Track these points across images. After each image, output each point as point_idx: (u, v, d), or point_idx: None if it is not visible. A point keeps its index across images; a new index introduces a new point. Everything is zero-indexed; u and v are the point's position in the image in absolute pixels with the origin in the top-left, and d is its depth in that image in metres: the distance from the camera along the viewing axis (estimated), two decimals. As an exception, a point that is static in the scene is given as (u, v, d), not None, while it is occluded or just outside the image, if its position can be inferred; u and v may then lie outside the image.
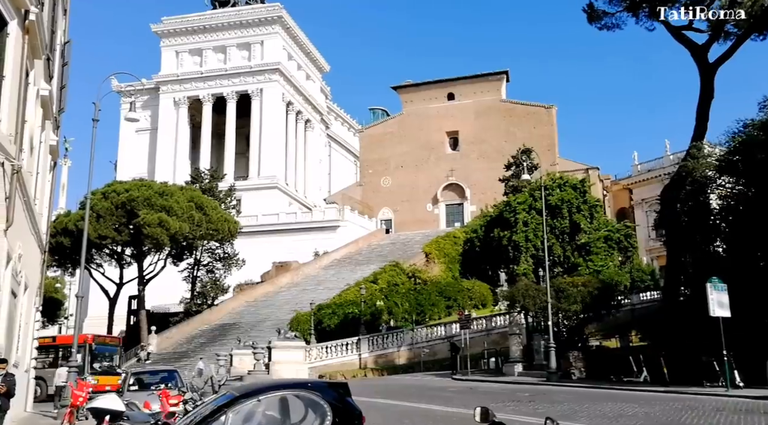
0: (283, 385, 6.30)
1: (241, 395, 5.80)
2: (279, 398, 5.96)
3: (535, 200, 61.17)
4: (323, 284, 60.71)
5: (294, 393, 6.02)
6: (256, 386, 6.13)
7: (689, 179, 28.70)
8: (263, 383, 6.45)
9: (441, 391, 24.30)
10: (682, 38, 29.87)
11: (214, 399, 6.22)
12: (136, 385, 16.07)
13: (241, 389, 6.05)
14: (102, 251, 53.62)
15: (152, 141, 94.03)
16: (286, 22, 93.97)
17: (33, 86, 15.17)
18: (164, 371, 18.02)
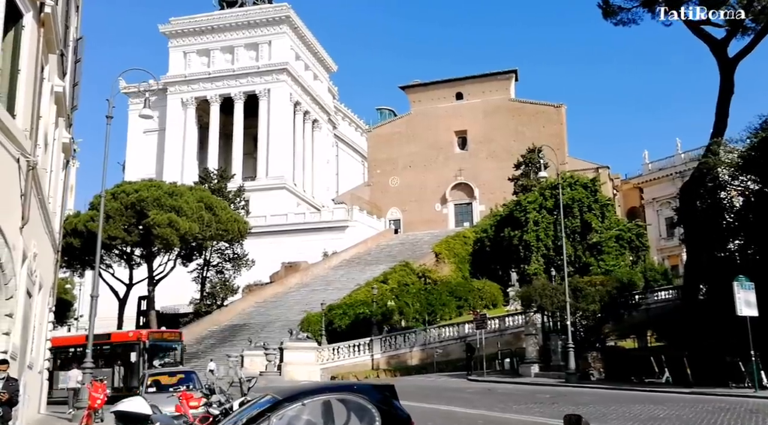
0: (328, 388, 5.94)
1: (285, 399, 5.44)
2: (323, 402, 5.59)
3: (546, 200, 60.78)
4: (333, 284, 60.40)
5: (339, 396, 5.66)
6: (299, 389, 5.77)
7: (709, 176, 28.25)
8: (306, 386, 6.10)
9: (458, 392, 23.91)
10: (701, 33, 29.39)
11: (254, 402, 5.86)
12: (153, 387, 15.76)
13: (284, 392, 5.69)
14: (111, 251, 53.42)
15: (160, 142, 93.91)
16: (294, 22, 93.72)
17: (47, 82, 14.87)
18: (181, 372, 17.69)
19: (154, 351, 29.82)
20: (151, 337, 30.42)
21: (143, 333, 30.32)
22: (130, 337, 30.95)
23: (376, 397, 5.64)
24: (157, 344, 30.53)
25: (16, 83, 12.13)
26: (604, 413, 15.53)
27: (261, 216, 73.55)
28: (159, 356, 30.14)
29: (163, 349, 30.95)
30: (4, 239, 11.21)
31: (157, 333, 33.12)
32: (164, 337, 32.30)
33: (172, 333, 34.26)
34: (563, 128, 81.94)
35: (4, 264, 11.36)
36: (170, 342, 31.84)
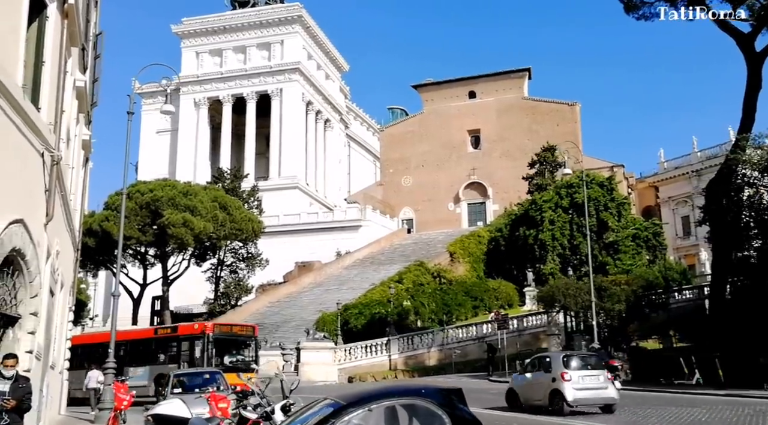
0: (394, 392, 5.49)
1: (349, 404, 5.01)
2: (390, 407, 5.15)
3: (562, 198, 60.11)
4: (347, 284, 60.02)
5: (407, 401, 5.22)
6: (363, 393, 5.34)
7: (736, 172, 27.67)
8: (369, 389, 5.65)
9: (482, 393, 23.47)
10: (726, 27, 28.77)
11: (310, 407, 5.44)
12: (179, 388, 15.37)
13: (347, 397, 5.26)
14: (126, 251, 53.21)
15: (173, 142, 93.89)
16: (306, 22, 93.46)
17: (70, 76, 14.54)
18: (206, 372, 17.30)
19: (222, 346, 26.68)
20: (217, 330, 26.90)
21: (208, 326, 26.86)
22: (194, 330, 27.33)
23: (444, 402, 5.22)
24: (225, 338, 27.18)
25: (40, 75, 11.79)
26: (642, 416, 15.05)
27: (274, 216, 73.29)
28: (231, 352, 27.07)
29: (233, 344, 27.75)
30: (29, 236, 10.86)
31: (225, 325, 29.35)
32: (233, 331, 28.58)
33: (244, 326, 30.25)
34: (577, 127, 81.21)
35: (29, 261, 11.03)
36: (241, 337, 28.33)
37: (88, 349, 30.38)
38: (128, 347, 29.66)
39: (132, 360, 28.92)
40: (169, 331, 29.15)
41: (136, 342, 29.95)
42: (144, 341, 29.95)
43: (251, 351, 28.31)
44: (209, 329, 26.43)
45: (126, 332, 31.22)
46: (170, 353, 28.18)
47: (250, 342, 28.40)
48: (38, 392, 12.43)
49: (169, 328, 29.51)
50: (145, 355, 28.88)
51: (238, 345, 27.97)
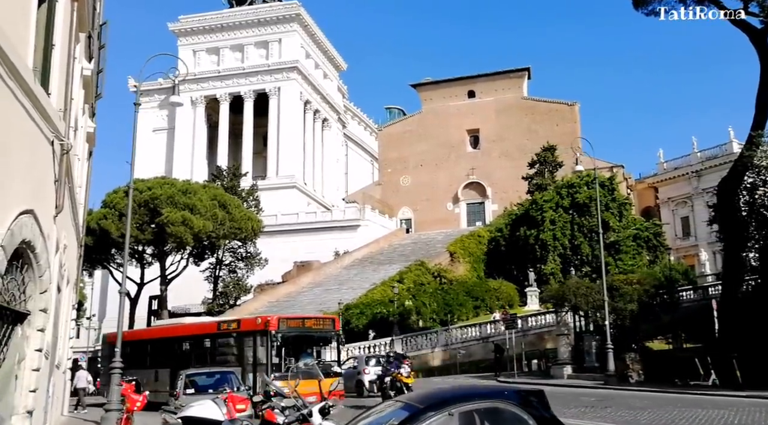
0: (475, 394, 4.98)
1: (427, 407, 4.49)
2: (473, 411, 4.63)
3: (562, 198, 59.80)
4: (346, 284, 59.48)
5: (490, 404, 4.70)
6: (441, 395, 4.83)
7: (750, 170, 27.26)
8: (446, 391, 5.13)
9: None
10: (740, 24, 28.34)
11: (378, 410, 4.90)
12: (191, 388, 14.78)
13: (424, 399, 4.73)
14: (123, 250, 52.53)
15: (169, 141, 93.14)
16: (304, 20, 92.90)
17: (78, 63, 13.97)
18: (219, 372, 16.72)
19: (291, 344, 21.71)
20: (283, 325, 21.51)
21: (271, 320, 21.47)
22: (256, 325, 22.17)
23: (528, 404, 4.71)
24: (294, 335, 21.95)
25: (50, 59, 11.20)
26: (670, 419, 14.55)
27: (272, 215, 72.66)
28: (306, 352, 22.20)
29: (306, 342, 22.60)
30: (39, 228, 10.28)
31: (294, 319, 23.22)
32: (306, 325, 22.78)
33: (320, 319, 24.41)
34: (577, 127, 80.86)
35: (39, 254, 10.44)
36: (317, 333, 22.81)
37: (147, 346, 27.97)
38: (190, 344, 25.93)
39: (195, 360, 24.59)
40: (235, 325, 23.85)
41: (200, 339, 25.70)
42: (206, 337, 25.40)
43: (332, 349, 23.96)
44: (272, 324, 21.27)
45: (184, 326, 27.58)
46: (232, 352, 23.80)
47: (329, 338, 23.30)
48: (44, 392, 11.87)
49: (233, 322, 24.46)
50: (207, 355, 24.64)
51: (313, 343, 23.07)
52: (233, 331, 23.68)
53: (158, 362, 26.85)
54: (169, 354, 26.41)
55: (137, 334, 30.21)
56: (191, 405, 8.28)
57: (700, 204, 73.63)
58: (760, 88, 27.87)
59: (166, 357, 26.57)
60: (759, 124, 27.80)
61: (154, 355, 27.57)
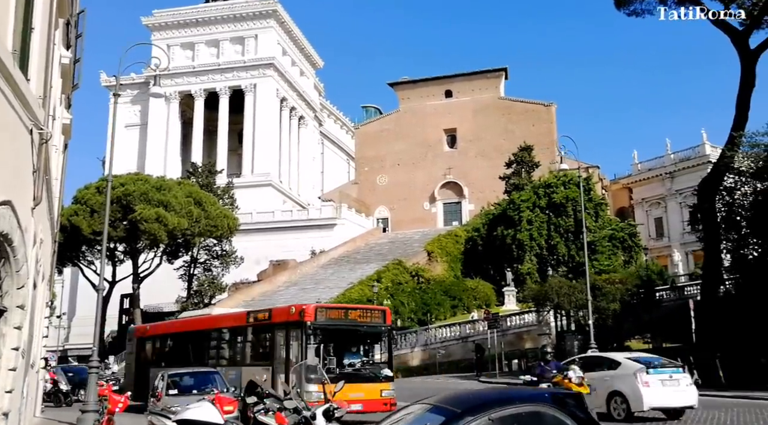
0: (515, 397, 4.62)
1: (465, 411, 4.14)
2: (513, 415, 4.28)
3: (539, 198, 60.00)
4: (323, 283, 58.96)
5: (531, 408, 4.36)
6: (475, 397, 4.47)
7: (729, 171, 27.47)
8: (483, 393, 4.78)
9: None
10: (722, 25, 28.57)
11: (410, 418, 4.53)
12: (174, 389, 14.22)
13: (460, 402, 4.38)
14: (94, 247, 51.46)
15: (142, 137, 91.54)
16: (281, 17, 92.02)
17: (57, 50, 13.36)
18: (203, 372, 16.14)
19: (332, 340, 17.97)
20: (321, 316, 17.55)
21: (307, 309, 17.52)
22: (289, 315, 18.27)
23: (570, 409, 4.38)
24: (335, 327, 17.90)
25: (29, 42, 10.61)
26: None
27: (247, 213, 71.80)
28: (349, 350, 18.27)
29: (350, 338, 18.51)
30: (17, 220, 9.71)
31: (335, 309, 19.25)
32: (350, 317, 18.45)
33: (366, 310, 19.97)
34: (553, 127, 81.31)
35: (17, 248, 9.87)
36: (363, 326, 18.32)
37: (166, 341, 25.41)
38: (212, 339, 22.59)
39: (218, 357, 21.85)
40: (265, 316, 20.01)
41: (225, 333, 22.18)
42: (233, 331, 21.86)
43: (382, 347, 19.26)
44: (308, 314, 17.22)
45: (207, 318, 24.26)
46: (262, 349, 20.30)
47: (378, 334, 18.80)
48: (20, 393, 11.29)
49: (264, 312, 20.63)
50: (232, 352, 21.55)
51: (359, 340, 18.87)
52: (263, 323, 19.83)
53: (176, 359, 23.54)
54: (190, 351, 23.46)
55: (158, 329, 27.21)
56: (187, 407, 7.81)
57: (673, 205, 74.63)
58: (740, 89, 28.13)
59: (186, 354, 23.62)
60: (739, 125, 28.06)
61: (173, 352, 24.97)
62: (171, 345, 25.31)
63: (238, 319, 21.84)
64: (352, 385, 13.81)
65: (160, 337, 25.89)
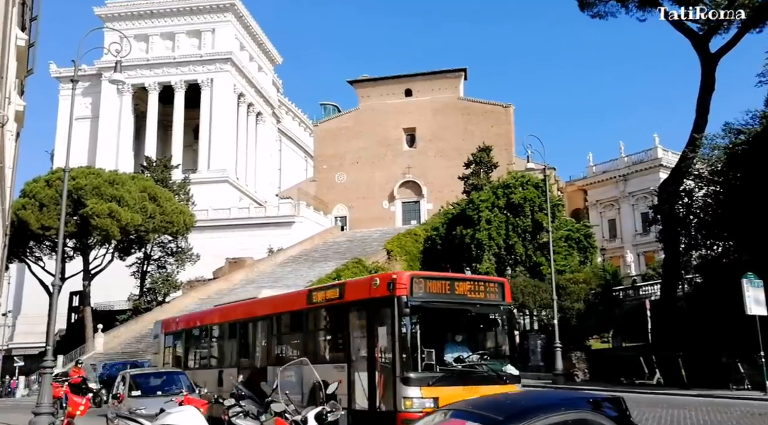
0: (558, 402, 4.26)
1: (507, 418, 3.76)
2: (559, 423, 3.91)
3: (498, 198, 60.31)
4: (280, 281, 58.09)
5: (576, 415, 4.00)
6: (516, 404, 4.09)
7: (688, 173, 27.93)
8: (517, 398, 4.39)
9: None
10: (682, 28, 29.02)
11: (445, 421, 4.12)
12: (137, 390, 13.49)
13: (498, 409, 3.99)
14: (43, 243, 49.65)
15: (93, 130, 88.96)
16: (239, 11, 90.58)
17: (13, 29, 12.55)
18: (168, 373, 15.39)
19: (435, 323, 12.95)
20: (418, 288, 12.66)
21: (399, 278, 12.78)
22: (373, 290, 13.33)
23: (614, 414, 4.06)
24: (438, 306, 12.89)
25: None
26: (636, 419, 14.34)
27: (203, 210, 70.36)
28: (456, 337, 13.21)
29: (456, 320, 13.44)
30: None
31: (436, 280, 13.44)
32: (457, 291, 13.17)
33: (479, 283, 13.89)
34: (511, 129, 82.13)
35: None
36: (476, 304, 13.27)
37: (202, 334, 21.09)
38: (267, 329, 17.49)
39: (278, 353, 16.85)
40: (335, 294, 14.87)
41: (288, 319, 17.08)
42: (290, 317, 16.92)
43: (500, 334, 13.94)
44: (402, 285, 12.52)
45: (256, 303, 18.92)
46: (333, 339, 15.04)
47: (496, 314, 13.75)
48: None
49: (334, 288, 15.35)
50: (296, 345, 16.41)
51: (469, 323, 13.79)
52: (332, 303, 14.83)
53: (215, 358, 20.28)
54: (233, 347, 19.25)
55: (190, 321, 22.71)
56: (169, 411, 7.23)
57: (626, 207, 76.24)
58: (700, 92, 28.62)
59: (227, 350, 19.66)
60: (699, 128, 28.55)
61: (211, 349, 20.86)
62: (208, 341, 20.86)
63: (295, 301, 16.83)
64: (467, 389, 11.07)
65: (193, 331, 21.60)
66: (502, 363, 13.36)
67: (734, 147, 24.51)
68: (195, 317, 22.95)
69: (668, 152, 73.90)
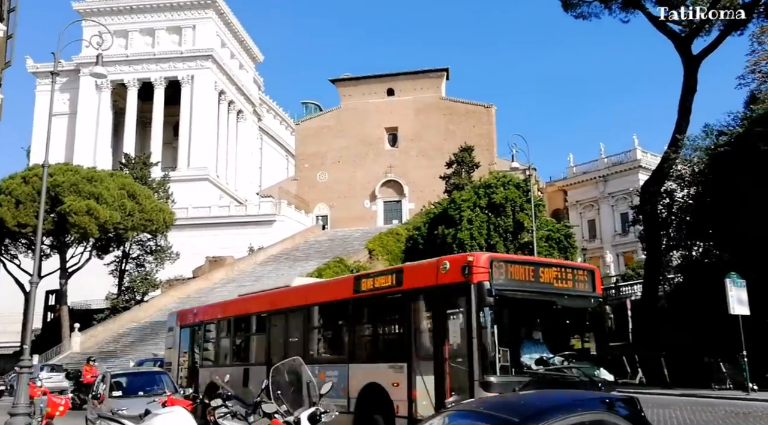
0: (577, 404, 4.05)
1: (523, 420, 3.58)
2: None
3: (480, 198, 60.49)
4: (261, 280, 57.57)
5: (594, 417, 3.83)
6: (532, 404, 3.90)
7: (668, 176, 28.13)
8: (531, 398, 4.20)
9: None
10: (665, 29, 29.22)
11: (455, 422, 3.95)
12: (118, 391, 13.18)
13: (512, 409, 3.82)
14: (18, 241, 48.77)
15: (70, 126, 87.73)
16: (220, 8, 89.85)
17: (-10, 19, 12.17)
18: (149, 372, 15.05)
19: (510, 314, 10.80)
20: (499, 274, 10.62)
21: (477, 261, 10.65)
22: (442, 274, 11.30)
23: (632, 414, 3.92)
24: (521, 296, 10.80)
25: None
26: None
27: (182, 208, 69.64)
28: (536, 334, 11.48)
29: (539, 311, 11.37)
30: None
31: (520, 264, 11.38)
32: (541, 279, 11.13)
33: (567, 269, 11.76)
34: (493, 129, 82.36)
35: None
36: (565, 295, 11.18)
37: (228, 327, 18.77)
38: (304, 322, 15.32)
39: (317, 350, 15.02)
40: (390, 281, 12.87)
41: (330, 311, 15.00)
42: (337, 308, 14.58)
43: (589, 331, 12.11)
44: (480, 269, 10.54)
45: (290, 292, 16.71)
46: (386, 333, 13.29)
47: (585, 307, 11.83)
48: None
49: (390, 274, 13.15)
50: (339, 340, 14.48)
51: (554, 318, 11.65)
52: (388, 291, 12.76)
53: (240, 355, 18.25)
54: (263, 342, 16.93)
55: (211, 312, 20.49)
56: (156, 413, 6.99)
57: (606, 208, 76.82)
58: (683, 94, 28.82)
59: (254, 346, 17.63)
60: (681, 128, 28.75)
61: (235, 344, 18.65)
62: (232, 335, 18.65)
63: (338, 290, 14.72)
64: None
65: (214, 324, 19.31)
66: (592, 366, 11.32)
67: (716, 148, 24.69)
68: (216, 308, 20.72)
69: (647, 154, 74.58)
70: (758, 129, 22.70)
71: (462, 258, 11.18)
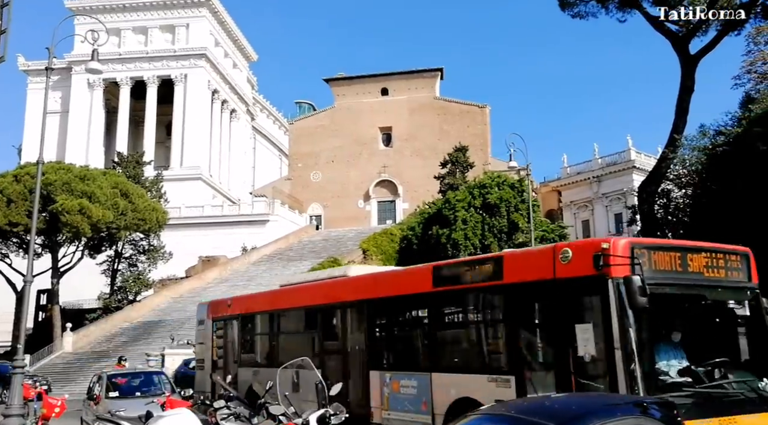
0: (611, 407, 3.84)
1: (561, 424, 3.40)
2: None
3: (474, 198, 60.48)
4: (255, 280, 57.42)
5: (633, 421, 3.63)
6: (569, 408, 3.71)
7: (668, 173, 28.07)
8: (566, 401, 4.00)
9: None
10: (662, 29, 29.15)
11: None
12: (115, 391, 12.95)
13: (551, 414, 3.62)
14: (10, 240, 48.29)
15: (62, 125, 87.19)
16: (214, 6, 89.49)
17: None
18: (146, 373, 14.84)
19: (656, 309, 8.36)
20: (645, 261, 8.47)
21: (615, 247, 8.52)
22: (563, 264, 9.07)
23: (668, 418, 3.73)
24: (671, 287, 8.75)
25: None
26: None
27: (175, 208, 69.24)
28: (672, 326, 8.89)
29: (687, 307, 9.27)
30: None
31: (664, 249, 9.01)
32: (690, 267, 8.88)
33: (717, 254, 9.35)
34: (487, 129, 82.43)
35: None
36: (715, 286, 9.15)
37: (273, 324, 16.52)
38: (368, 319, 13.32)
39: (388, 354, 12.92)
40: (487, 271, 10.74)
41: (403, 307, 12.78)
42: (413, 303, 12.54)
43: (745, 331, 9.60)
44: (620, 259, 8.42)
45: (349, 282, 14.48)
46: (481, 338, 11.09)
47: (740, 301, 9.58)
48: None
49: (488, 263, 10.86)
50: (417, 344, 12.44)
51: (702, 315, 9.62)
52: (484, 285, 10.72)
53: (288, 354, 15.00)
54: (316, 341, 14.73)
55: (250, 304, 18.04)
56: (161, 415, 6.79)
57: (600, 208, 76.91)
58: (680, 93, 28.77)
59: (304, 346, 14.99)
60: (678, 128, 28.68)
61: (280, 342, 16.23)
62: (276, 331, 16.41)
63: (413, 282, 12.32)
64: (722, 421, 7.75)
65: (254, 318, 16.95)
66: (754, 378, 8.82)
67: (714, 148, 24.62)
68: (257, 300, 18.35)
69: (641, 155, 74.73)
70: (757, 129, 22.63)
71: (591, 245, 9.14)
